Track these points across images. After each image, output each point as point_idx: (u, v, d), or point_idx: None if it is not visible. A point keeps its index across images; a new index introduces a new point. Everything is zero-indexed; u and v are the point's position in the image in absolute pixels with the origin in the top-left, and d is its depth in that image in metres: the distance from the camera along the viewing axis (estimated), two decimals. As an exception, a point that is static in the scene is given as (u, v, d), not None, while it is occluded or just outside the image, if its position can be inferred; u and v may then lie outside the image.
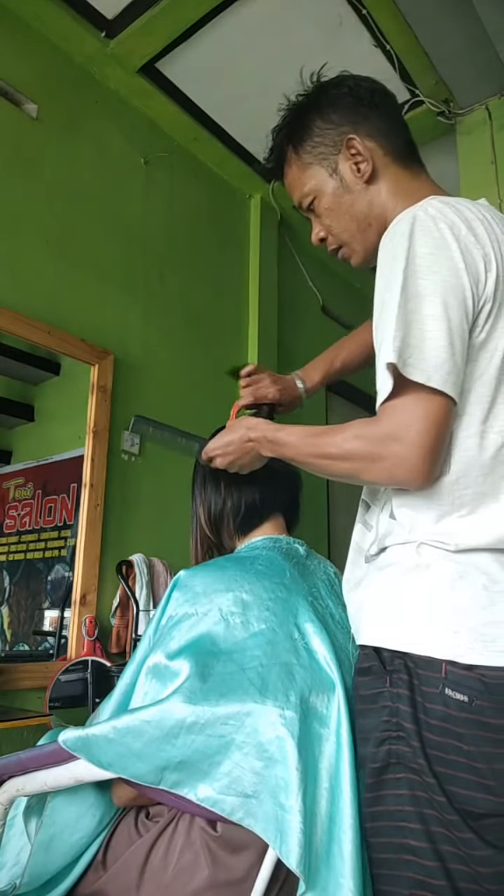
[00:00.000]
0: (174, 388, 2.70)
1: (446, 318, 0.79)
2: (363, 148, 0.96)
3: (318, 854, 0.77)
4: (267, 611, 0.91)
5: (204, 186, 3.06)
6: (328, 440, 0.88)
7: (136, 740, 0.79)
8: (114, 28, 2.39)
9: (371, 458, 0.82)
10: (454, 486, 0.83)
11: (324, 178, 0.98)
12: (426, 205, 0.86)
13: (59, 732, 0.84)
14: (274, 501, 1.12)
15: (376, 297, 0.85)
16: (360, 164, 0.96)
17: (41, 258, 2.25)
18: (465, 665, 0.76)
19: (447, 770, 0.75)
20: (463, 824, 0.74)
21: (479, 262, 0.82)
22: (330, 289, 3.90)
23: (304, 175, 1.00)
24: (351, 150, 0.96)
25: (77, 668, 2.01)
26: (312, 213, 1.03)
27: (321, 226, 1.03)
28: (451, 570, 0.82)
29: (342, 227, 0.99)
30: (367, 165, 0.96)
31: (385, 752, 0.80)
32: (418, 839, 0.76)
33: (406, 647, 0.81)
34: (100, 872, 0.94)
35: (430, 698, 0.77)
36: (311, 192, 1.00)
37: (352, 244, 1.01)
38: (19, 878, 0.91)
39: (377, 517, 0.94)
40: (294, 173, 1.02)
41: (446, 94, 2.67)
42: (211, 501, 1.12)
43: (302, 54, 2.54)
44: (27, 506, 2.30)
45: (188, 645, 0.86)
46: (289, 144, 1.02)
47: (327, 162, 0.98)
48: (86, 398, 2.29)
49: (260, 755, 0.79)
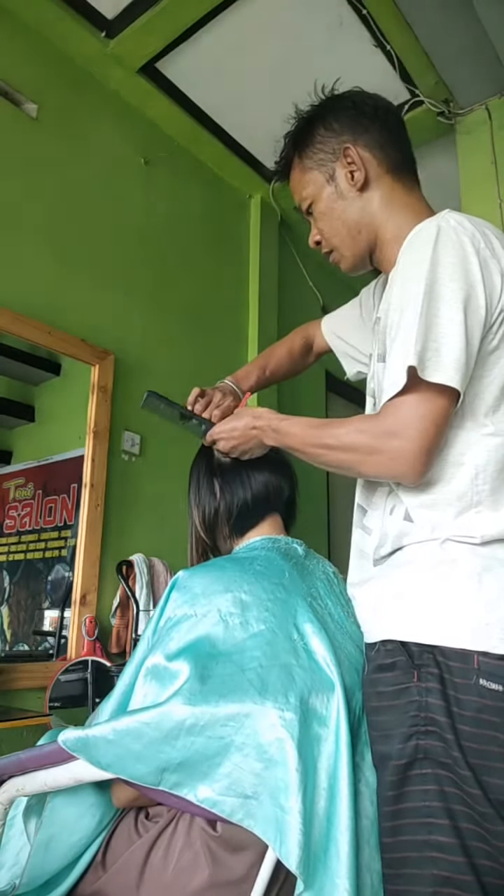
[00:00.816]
0: (174, 388, 2.69)
1: (464, 324, 0.83)
2: (358, 157, 1.01)
3: (316, 854, 0.77)
4: (266, 611, 0.91)
5: (204, 186, 3.06)
6: (331, 431, 0.92)
7: (136, 742, 0.79)
8: (114, 28, 2.39)
9: (370, 450, 0.86)
10: (473, 483, 0.87)
11: (321, 183, 1.03)
12: (447, 216, 0.91)
13: (59, 732, 0.84)
14: (268, 502, 1.12)
15: (395, 297, 0.89)
16: (353, 173, 1.01)
17: (41, 258, 2.25)
18: (498, 655, 0.79)
19: (483, 761, 0.77)
20: (496, 817, 0.75)
21: (494, 275, 0.87)
22: (330, 289, 3.90)
23: (305, 179, 1.05)
24: (347, 159, 1.01)
25: (77, 668, 2.01)
26: (311, 217, 1.08)
27: (317, 229, 1.08)
28: (477, 564, 0.85)
29: (333, 231, 1.04)
30: (361, 174, 1.00)
31: (412, 748, 0.81)
32: (446, 835, 0.76)
33: (437, 640, 0.83)
34: (99, 873, 0.94)
35: (464, 690, 0.79)
36: (310, 195, 1.05)
37: (341, 249, 1.06)
38: (19, 879, 0.91)
39: (381, 520, 0.96)
40: (297, 176, 1.07)
41: (446, 94, 2.67)
42: (205, 504, 1.12)
43: (302, 54, 2.54)
44: (27, 506, 2.31)
45: (187, 646, 0.86)
46: (294, 149, 1.07)
47: (325, 168, 1.03)
48: (86, 398, 2.29)
49: (260, 756, 0.79)
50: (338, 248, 1.06)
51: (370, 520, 1.00)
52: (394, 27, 2.38)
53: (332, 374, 3.88)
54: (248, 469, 1.11)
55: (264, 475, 1.11)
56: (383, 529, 0.95)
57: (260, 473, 1.11)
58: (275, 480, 1.12)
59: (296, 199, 1.09)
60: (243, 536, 1.11)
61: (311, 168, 1.04)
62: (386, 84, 2.68)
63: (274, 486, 1.12)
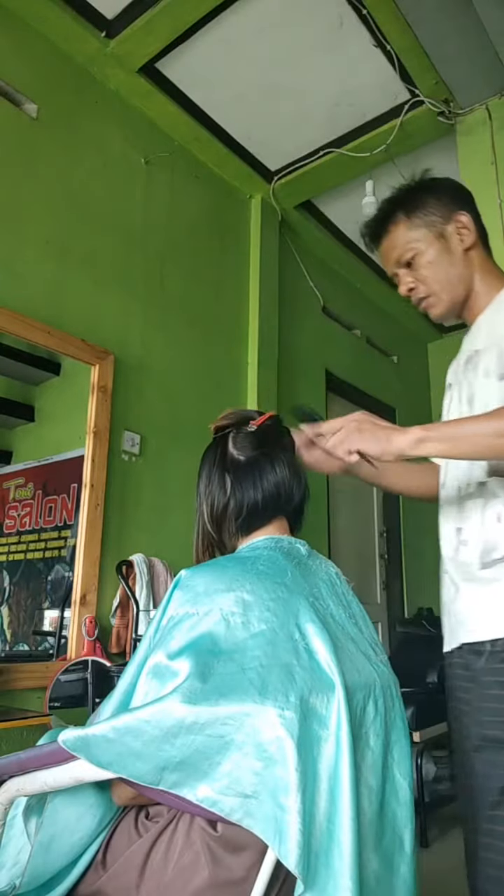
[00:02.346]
0: (174, 388, 2.70)
1: None
2: (468, 224, 1.23)
3: (317, 855, 0.77)
4: (268, 611, 0.91)
5: (204, 186, 3.06)
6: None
7: (136, 740, 0.79)
8: (114, 28, 2.39)
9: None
10: None
11: (431, 239, 1.23)
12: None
13: (59, 732, 0.84)
14: (278, 505, 1.11)
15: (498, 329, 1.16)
16: (463, 236, 1.22)
17: (41, 258, 2.26)
18: None
19: None
20: None
21: None
22: (330, 289, 3.90)
23: (411, 234, 1.24)
24: (459, 224, 1.23)
25: (77, 668, 2.01)
26: (407, 267, 1.25)
27: (412, 278, 1.25)
28: None
29: (438, 279, 1.23)
30: (470, 237, 1.22)
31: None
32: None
33: None
34: (100, 872, 0.93)
35: None
36: (415, 248, 1.23)
37: (441, 294, 1.23)
38: (19, 878, 0.91)
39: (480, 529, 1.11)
40: (401, 231, 1.25)
41: (446, 94, 2.67)
42: (215, 498, 1.12)
43: (302, 54, 2.54)
44: (27, 506, 2.30)
45: (189, 645, 0.86)
46: (401, 210, 1.25)
47: (435, 228, 1.23)
48: (86, 398, 2.30)
49: (259, 755, 0.79)
50: (437, 293, 1.23)
51: (465, 533, 1.13)
52: (394, 27, 2.38)
53: (332, 374, 3.89)
54: (261, 470, 1.10)
55: (277, 477, 1.10)
56: (489, 536, 1.09)
57: (272, 475, 1.10)
58: (287, 484, 1.11)
59: (395, 252, 1.26)
60: (248, 536, 1.11)
61: (419, 226, 1.23)
62: (386, 84, 2.68)
63: (286, 490, 1.11)
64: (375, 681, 0.95)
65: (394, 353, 4.69)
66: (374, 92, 2.74)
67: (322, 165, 3.11)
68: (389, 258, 1.27)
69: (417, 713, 2.63)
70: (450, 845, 2.47)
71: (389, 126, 2.86)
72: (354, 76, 2.66)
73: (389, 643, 3.95)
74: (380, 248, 1.30)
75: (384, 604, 4.18)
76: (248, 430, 1.14)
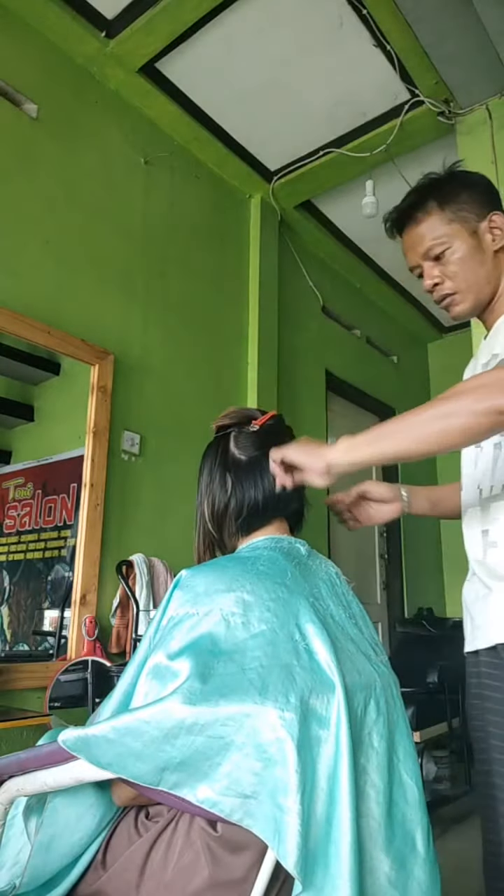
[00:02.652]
0: (174, 388, 2.70)
1: None
2: (502, 223, 1.19)
3: (315, 855, 0.77)
4: (268, 611, 0.91)
5: (204, 186, 3.06)
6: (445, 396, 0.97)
7: (136, 740, 0.79)
8: (114, 28, 2.39)
9: None
10: None
11: (463, 235, 1.19)
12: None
13: (59, 732, 0.84)
14: (278, 506, 1.11)
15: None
16: (496, 236, 1.19)
17: (41, 258, 2.26)
18: None
19: None
20: None
21: None
22: (330, 289, 3.90)
23: (443, 227, 1.19)
24: (492, 223, 1.19)
25: (77, 668, 2.01)
26: (435, 260, 1.20)
27: (439, 272, 1.20)
28: None
29: (466, 275, 1.19)
30: (502, 238, 1.19)
31: None
32: None
33: None
34: (100, 872, 0.93)
35: None
36: (447, 242, 1.19)
37: (466, 293, 1.20)
38: (19, 878, 0.91)
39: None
40: (432, 222, 1.20)
41: (446, 94, 2.67)
42: (215, 497, 1.11)
43: (302, 54, 2.54)
44: (27, 506, 2.30)
45: (189, 645, 0.86)
46: (434, 200, 1.20)
47: (468, 224, 1.19)
48: (86, 398, 2.30)
49: (259, 756, 0.79)
50: (463, 291, 1.20)
51: (493, 535, 1.11)
52: (394, 27, 2.38)
53: (332, 374, 3.88)
54: (263, 469, 1.10)
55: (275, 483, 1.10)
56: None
57: (273, 481, 1.09)
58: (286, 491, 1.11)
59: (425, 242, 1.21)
60: (248, 536, 1.11)
61: (453, 220, 1.19)
62: (386, 84, 2.68)
63: (284, 495, 1.11)
64: (376, 681, 0.95)
65: (394, 353, 4.69)
66: (374, 92, 2.74)
67: (322, 165, 3.11)
68: (416, 249, 1.22)
69: (418, 713, 2.63)
70: (450, 845, 2.47)
71: (389, 126, 2.86)
72: (354, 76, 2.66)
73: (389, 643, 3.95)
74: (404, 236, 1.24)
75: (384, 604, 4.18)
76: (250, 430, 1.14)
